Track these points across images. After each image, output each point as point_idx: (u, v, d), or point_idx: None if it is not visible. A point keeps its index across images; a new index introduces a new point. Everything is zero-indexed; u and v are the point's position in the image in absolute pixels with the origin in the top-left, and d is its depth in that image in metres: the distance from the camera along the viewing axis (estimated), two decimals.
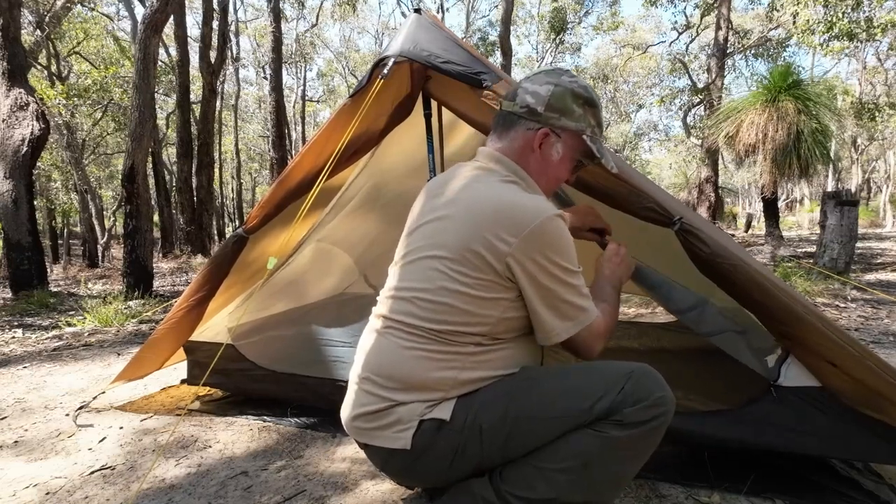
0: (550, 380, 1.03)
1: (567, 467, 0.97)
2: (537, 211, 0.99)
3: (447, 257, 1.01)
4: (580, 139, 1.13)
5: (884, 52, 19.31)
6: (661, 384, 0.99)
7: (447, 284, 1.00)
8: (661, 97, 19.60)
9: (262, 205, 1.84)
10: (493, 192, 1.05)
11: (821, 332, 1.22)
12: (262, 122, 24.02)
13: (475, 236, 0.99)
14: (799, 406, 1.31)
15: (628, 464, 1.01)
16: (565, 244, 1.01)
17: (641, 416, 0.95)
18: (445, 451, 1.02)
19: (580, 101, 1.11)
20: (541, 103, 1.10)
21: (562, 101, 1.10)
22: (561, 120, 1.10)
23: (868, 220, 18.90)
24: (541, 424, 0.99)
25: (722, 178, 15.96)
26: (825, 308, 4.03)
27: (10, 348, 3.43)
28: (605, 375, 1.00)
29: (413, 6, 5.01)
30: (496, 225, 0.99)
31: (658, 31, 24.32)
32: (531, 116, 1.11)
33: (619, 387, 0.97)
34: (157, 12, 5.74)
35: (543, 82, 1.12)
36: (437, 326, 1.01)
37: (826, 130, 7.00)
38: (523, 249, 0.98)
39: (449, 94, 1.67)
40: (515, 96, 1.14)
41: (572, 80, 1.13)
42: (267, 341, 2.17)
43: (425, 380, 1.01)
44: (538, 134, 1.10)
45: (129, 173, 5.60)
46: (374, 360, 1.08)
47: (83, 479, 1.56)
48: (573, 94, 1.11)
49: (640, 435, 0.96)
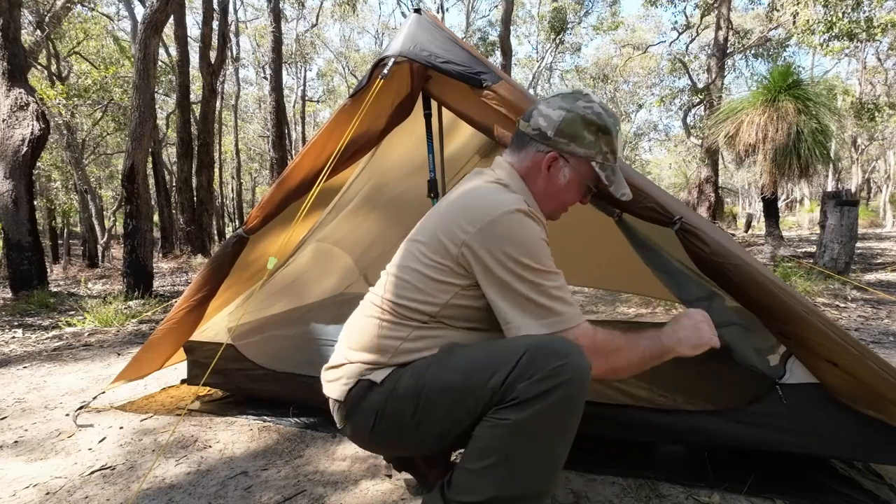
0: (464, 352, 1.04)
1: (491, 464, 0.95)
2: (498, 204, 1.02)
3: (422, 241, 1.09)
4: (589, 165, 1.13)
5: (884, 52, 19.31)
6: (561, 354, 0.93)
7: (412, 264, 1.08)
8: (661, 97, 19.60)
9: (263, 205, 1.84)
10: (472, 187, 1.13)
11: (821, 332, 1.22)
12: (262, 122, 24.01)
13: (444, 224, 1.06)
14: (804, 403, 1.31)
15: (549, 445, 0.96)
16: (526, 239, 1.00)
17: (535, 391, 0.92)
18: (369, 412, 1.08)
19: (592, 128, 1.11)
20: (551, 128, 1.11)
21: (572, 126, 1.10)
22: (570, 146, 1.11)
23: (868, 220, 18.88)
24: (443, 395, 1.01)
25: (722, 178, 15.96)
26: (825, 308, 4.03)
27: (10, 348, 3.43)
28: (507, 350, 0.97)
29: (413, 6, 5.01)
30: (460, 215, 1.05)
31: (658, 31, 24.35)
32: (541, 140, 1.13)
33: (514, 361, 0.94)
34: (157, 12, 5.74)
35: (557, 107, 1.12)
36: (395, 300, 1.09)
37: (826, 130, 7.00)
38: (479, 240, 1.00)
39: (449, 94, 1.67)
40: (530, 117, 1.15)
41: (587, 105, 1.12)
42: (267, 341, 2.17)
43: (373, 343, 1.10)
44: (547, 157, 1.12)
45: (129, 173, 5.60)
46: (348, 323, 1.21)
47: (83, 479, 1.56)
48: (585, 120, 1.10)
49: (543, 411, 0.92)
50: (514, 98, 1.49)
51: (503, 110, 1.50)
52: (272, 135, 13.90)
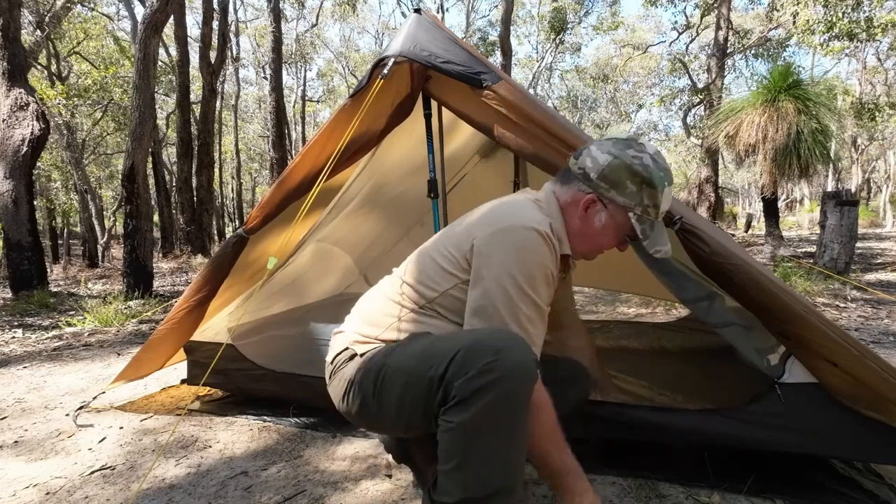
0: (426, 339, 1.07)
1: (454, 466, 0.96)
2: (522, 217, 1.06)
3: (451, 234, 1.16)
4: (626, 215, 1.12)
5: (884, 52, 19.29)
6: (493, 350, 0.92)
7: (432, 252, 1.16)
8: (661, 97, 19.59)
9: (263, 205, 1.85)
10: (510, 198, 1.18)
11: (821, 332, 1.22)
12: (262, 122, 24.00)
13: (470, 223, 1.14)
14: (803, 403, 1.31)
15: (502, 443, 0.94)
16: (527, 258, 1.02)
17: (470, 388, 0.92)
18: (344, 380, 1.15)
19: (637, 179, 1.09)
20: (595, 171, 1.11)
21: (616, 173, 1.09)
22: (610, 192, 1.10)
23: (868, 220, 18.88)
24: (398, 377, 1.04)
25: (722, 178, 15.96)
26: (825, 308, 4.03)
27: (10, 348, 3.43)
28: (451, 344, 0.98)
29: (413, 6, 5.01)
30: (486, 216, 1.12)
31: (658, 31, 24.32)
32: (584, 180, 1.13)
33: (451, 356, 0.95)
34: (157, 12, 5.74)
35: (606, 150, 1.11)
36: (404, 278, 1.17)
37: (826, 130, 6.99)
38: (487, 240, 1.05)
39: (449, 94, 1.67)
40: (580, 155, 1.16)
41: (637, 154, 1.10)
42: (267, 341, 2.17)
43: (370, 316, 1.19)
44: (586, 198, 1.13)
45: (129, 173, 5.60)
46: (363, 295, 1.29)
47: (83, 479, 1.56)
48: (630, 170, 1.09)
49: (484, 409, 0.91)
50: (514, 98, 1.49)
51: (503, 110, 1.50)
52: (272, 135, 13.89)
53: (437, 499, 1.01)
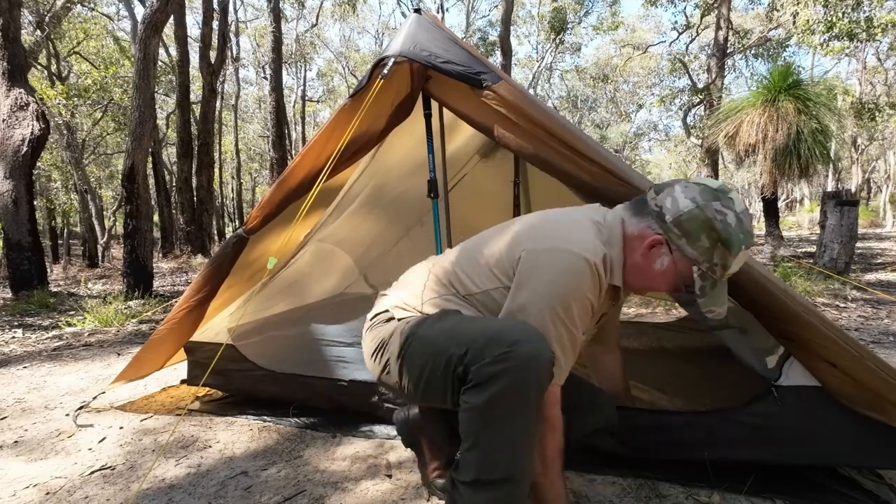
0: (456, 318, 1.11)
1: (469, 446, 0.99)
2: (576, 243, 1.05)
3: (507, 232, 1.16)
4: (691, 267, 1.06)
5: (884, 52, 19.29)
6: (511, 342, 0.95)
7: (484, 248, 1.17)
8: (661, 97, 19.59)
9: (263, 205, 1.85)
10: (574, 214, 1.15)
11: (821, 332, 1.22)
12: (262, 122, 23.99)
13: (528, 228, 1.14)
14: (800, 406, 1.31)
15: (509, 431, 0.97)
16: (569, 286, 1.02)
17: (485, 373, 0.95)
18: (377, 339, 1.20)
19: (713, 236, 1.02)
20: (672, 214, 1.05)
21: (692, 224, 1.03)
22: (681, 240, 1.04)
23: (868, 220, 18.87)
24: (423, 348, 1.08)
25: (722, 178, 15.95)
26: (825, 308, 4.03)
27: (10, 348, 3.43)
28: (479, 329, 1.03)
29: (413, 6, 5.01)
30: (542, 228, 1.12)
31: (658, 31, 24.32)
32: (658, 219, 1.07)
33: (476, 340, 0.99)
34: (157, 12, 5.74)
35: (690, 196, 1.04)
36: (452, 266, 1.19)
37: (826, 130, 6.99)
38: (535, 257, 1.06)
39: (449, 94, 1.67)
40: (661, 191, 1.09)
41: (722, 210, 1.02)
42: (267, 341, 2.17)
43: (415, 289, 1.21)
44: (654, 238, 1.07)
45: (129, 173, 5.60)
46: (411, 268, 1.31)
47: (83, 479, 1.56)
48: (709, 225, 1.02)
49: (495, 396, 0.94)
50: (514, 98, 1.49)
51: (503, 110, 1.50)
52: (272, 135, 13.89)
53: (456, 477, 1.04)
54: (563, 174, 1.49)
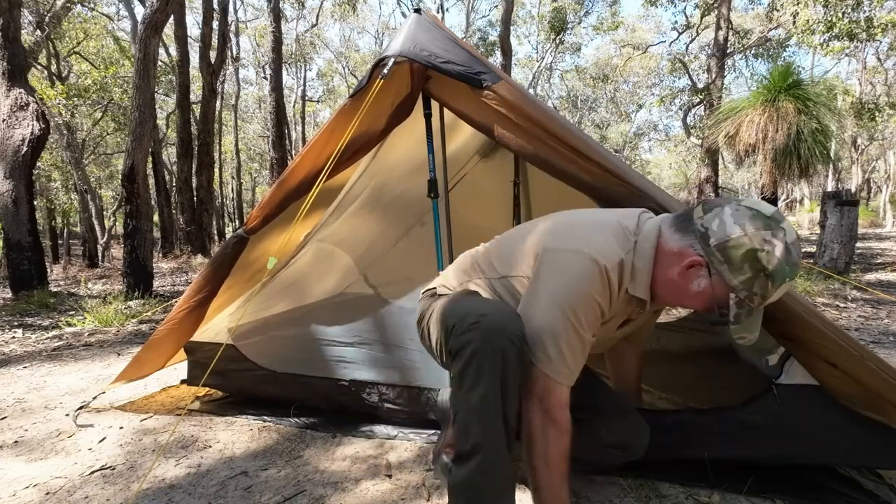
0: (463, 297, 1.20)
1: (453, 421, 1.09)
2: (593, 247, 1.06)
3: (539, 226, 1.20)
4: (727, 294, 1.02)
5: (884, 52, 19.28)
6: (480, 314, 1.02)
7: (515, 241, 1.22)
8: (661, 97, 19.58)
9: (263, 205, 1.84)
10: (604, 216, 1.16)
11: (821, 333, 1.21)
12: (262, 122, 23.99)
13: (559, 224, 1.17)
14: (799, 404, 1.31)
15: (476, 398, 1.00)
16: (578, 288, 1.03)
17: (457, 344, 1.02)
18: (419, 311, 1.32)
19: (757, 267, 0.97)
20: (717, 239, 1.00)
21: (736, 252, 0.98)
22: (722, 266, 1.00)
23: (868, 220, 18.86)
24: (435, 320, 1.19)
25: (722, 178, 15.94)
26: (825, 308, 4.03)
27: (10, 348, 3.43)
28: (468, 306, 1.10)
29: (413, 6, 5.01)
30: (570, 228, 1.14)
31: (658, 31, 24.31)
32: (701, 240, 1.02)
33: (461, 317, 1.05)
34: (157, 12, 5.74)
35: (740, 222, 0.98)
36: (486, 254, 1.27)
37: (826, 130, 6.99)
38: (552, 257, 1.08)
39: (449, 94, 1.67)
40: (710, 210, 1.03)
41: (770, 241, 0.96)
42: (267, 341, 2.17)
43: (459, 272, 1.30)
44: (694, 258, 1.03)
45: (129, 173, 5.60)
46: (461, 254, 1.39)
47: (83, 479, 1.56)
48: (754, 257, 0.97)
49: (463, 364, 1.00)
50: (514, 98, 1.49)
51: (503, 110, 1.50)
52: (272, 135, 13.89)
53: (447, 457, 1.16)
54: (564, 174, 1.48)
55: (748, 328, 1.04)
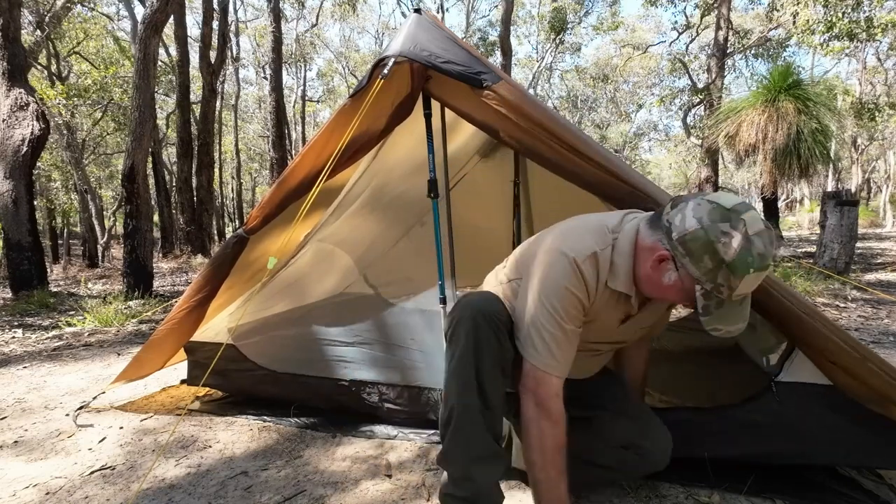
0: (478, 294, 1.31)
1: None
2: (569, 245, 1.13)
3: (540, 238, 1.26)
4: (693, 286, 1.05)
5: (884, 52, 19.28)
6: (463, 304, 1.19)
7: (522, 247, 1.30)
8: (661, 97, 19.59)
9: (263, 205, 1.84)
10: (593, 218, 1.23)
11: (821, 334, 1.22)
12: (262, 122, 23.98)
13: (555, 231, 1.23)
14: (799, 403, 1.31)
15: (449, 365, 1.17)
16: (553, 282, 1.12)
17: (446, 327, 1.21)
18: None
19: (716, 259, 0.99)
20: (678, 233, 1.03)
21: (694, 245, 1.01)
22: (685, 259, 1.03)
23: (868, 220, 18.85)
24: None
25: (722, 178, 15.95)
26: (825, 308, 4.04)
27: (10, 348, 3.43)
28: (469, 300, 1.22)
29: (413, 6, 5.01)
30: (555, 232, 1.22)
31: (658, 31, 24.30)
32: (666, 236, 1.06)
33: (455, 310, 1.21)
34: (157, 12, 5.74)
35: (698, 215, 1.01)
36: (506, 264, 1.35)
37: (826, 130, 7.00)
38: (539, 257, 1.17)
39: (449, 94, 1.67)
40: (676, 206, 1.07)
41: (728, 233, 0.98)
42: (267, 341, 2.17)
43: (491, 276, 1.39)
44: (661, 253, 1.07)
45: (129, 173, 5.60)
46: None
47: (83, 479, 1.56)
48: (712, 249, 0.99)
49: (448, 339, 1.18)
50: (514, 98, 1.49)
51: (503, 110, 1.50)
52: (272, 135, 13.89)
53: None
54: (564, 172, 1.49)
55: (721, 320, 1.06)
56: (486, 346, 1.13)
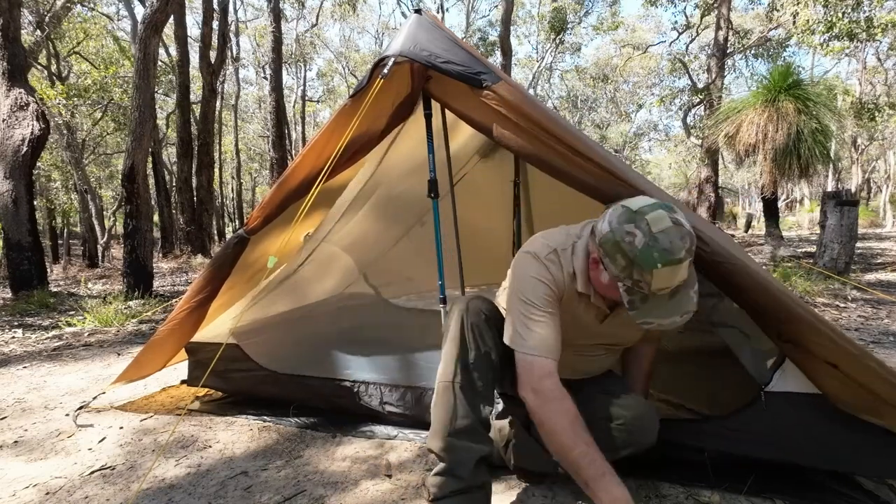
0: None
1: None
2: (534, 246, 1.27)
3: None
4: (617, 283, 1.13)
5: (884, 52, 19.28)
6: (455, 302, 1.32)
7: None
8: (661, 97, 19.59)
9: (263, 205, 1.84)
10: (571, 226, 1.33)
11: (820, 332, 1.22)
12: (262, 122, 23.98)
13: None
14: (787, 413, 1.33)
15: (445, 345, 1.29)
16: (521, 274, 1.24)
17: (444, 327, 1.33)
18: None
19: (626, 258, 1.07)
20: (598, 235, 1.15)
21: (607, 246, 1.11)
22: (605, 259, 1.13)
23: (868, 220, 18.84)
24: None
25: (722, 178, 15.96)
26: (825, 308, 4.04)
27: (10, 348, 3.43)
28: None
29: (413, 6, 5.01)
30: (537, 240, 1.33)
31: (658, 31, 24.29)
32: (594, 238, 1.18)
33: None
34: (158, 12, 5.74)
35: (611, 219, 1.11)
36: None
37: (826, 130, 7.00)
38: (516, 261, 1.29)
39: (449, 94, 1.67)
40: (604, 213, 1.17)
41: (632, 232, 1.06)
42: (268, 341, 2.17)
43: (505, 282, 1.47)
44: (594, 255, 1.19)
45: (129, 173, 5.60)
46: None
47: (83, 479, 1.56)
48: (619, 248, 1.08)
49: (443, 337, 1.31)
50: (514, 98, 1.49)
51: (503, 110, 1.50)
52: (272, 135, 13.89)
53: None
54: (563, 174, 1.48)
55: (649, 314, 1.10)
56: (471, 333, 1.24)
